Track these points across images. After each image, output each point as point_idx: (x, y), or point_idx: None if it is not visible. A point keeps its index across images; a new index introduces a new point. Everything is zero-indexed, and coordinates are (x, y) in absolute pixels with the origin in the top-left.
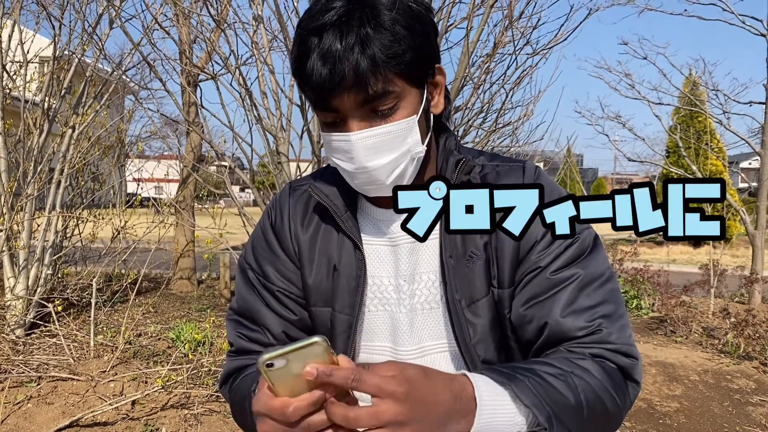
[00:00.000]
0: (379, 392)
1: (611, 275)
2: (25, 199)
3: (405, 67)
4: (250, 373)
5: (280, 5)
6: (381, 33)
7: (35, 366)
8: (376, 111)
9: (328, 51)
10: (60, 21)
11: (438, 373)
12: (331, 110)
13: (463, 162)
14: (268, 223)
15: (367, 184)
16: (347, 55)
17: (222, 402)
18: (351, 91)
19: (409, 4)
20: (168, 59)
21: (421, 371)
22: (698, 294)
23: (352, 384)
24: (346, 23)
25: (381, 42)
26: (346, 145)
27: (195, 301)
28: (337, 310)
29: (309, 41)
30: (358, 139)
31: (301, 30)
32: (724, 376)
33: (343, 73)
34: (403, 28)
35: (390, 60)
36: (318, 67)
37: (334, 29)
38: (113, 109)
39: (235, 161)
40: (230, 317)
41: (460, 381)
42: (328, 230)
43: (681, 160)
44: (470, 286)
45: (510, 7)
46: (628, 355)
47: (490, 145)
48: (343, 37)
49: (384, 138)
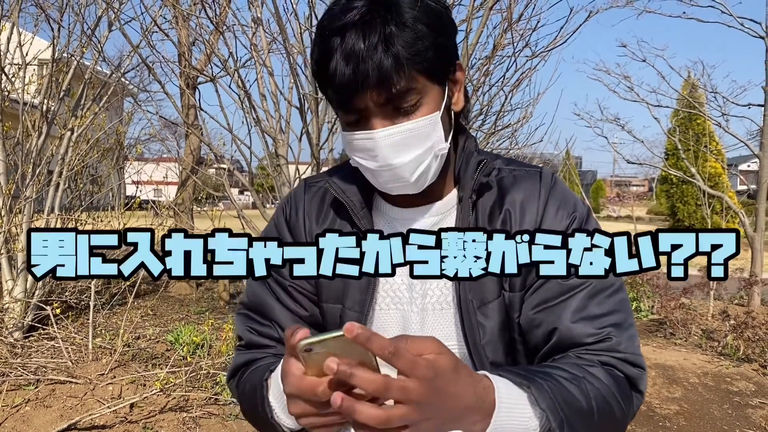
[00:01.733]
0: (410, 372)
1: (621, 285)
2: (24, 202)
3: (427, 64)
4: (260, 366)
5: (279, 8)
6: (403, 31)
7: (33, 369)
8: (399, 108)
9: (351, 50)
10: (59, 23)
11: (467, 371)
12: (354, 110)
13: (484, 163)
14: (283, 219)
15: (391, 182)
16: (371, 54)
17: (221, 405)
18: (375, 89)
19: (429, 2)
20: (167, 61)
21: (452, 365)
22: (698, 296)
23: (389, 355)
24: (368, 22)
25: (404, 40)
26: (370, 143)
27: (194, 303)
28: (347, 307)
29: (331, 41)
30: (382, 136)
31: (322, 30)
32: (723, 378)
33: (367, 72)
34: (425, 26)
35: (413, 58)
36: (341, 67)
37: (356, 28)
38: (112, 111)
39: (234, 164)
40: (240, 311)
41: (485, 384)
42: (344, 227)
43: (680, 162)
44: (482, 287)
45: (509, 9)
46: (635, 365)
47: (489, 147)
48: (366, 36)
49: (408, 135)
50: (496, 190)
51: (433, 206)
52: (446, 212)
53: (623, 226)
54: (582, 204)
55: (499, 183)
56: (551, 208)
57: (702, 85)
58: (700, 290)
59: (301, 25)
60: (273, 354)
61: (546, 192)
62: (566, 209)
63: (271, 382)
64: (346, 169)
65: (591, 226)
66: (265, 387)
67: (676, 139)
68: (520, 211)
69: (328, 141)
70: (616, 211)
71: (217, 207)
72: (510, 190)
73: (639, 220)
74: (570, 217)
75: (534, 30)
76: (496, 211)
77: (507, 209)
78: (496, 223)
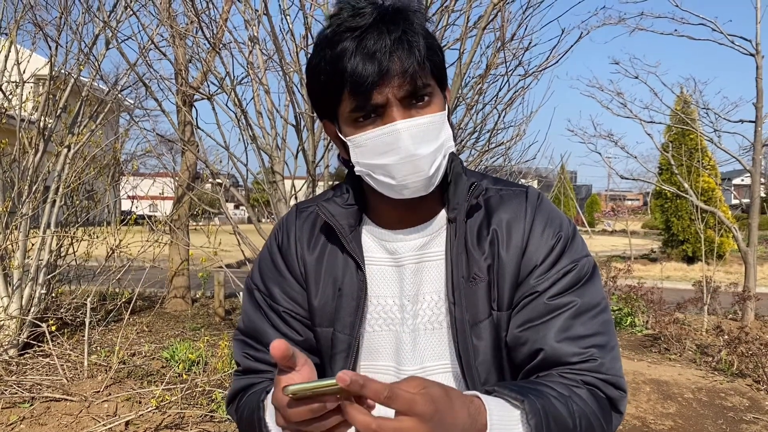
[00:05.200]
0: (409, 410)
1: (606, 306)
2: (20, 219)
3: (436, 66)
4: (257, 390)
5: (275, 26)
6: (417, 34)
7: (28, 386)
8: (415, 103)
9: (374, 47)
10: (56, 41)
11: (457, 395)
12: (372, 106)
13: (475, 186)
14: (275, 245)
15: (411, 175)
16: (395, 48)
17: (216, 422)
18: (398, 82)
19: (423, 23)
20: (164, 79)
21: (444, 392)
22: (692, 311)
23: (385, 399)
24: (387, 23)
25: (420, 40)
26: (390, 137)
27: (189, 320)
28: (338, 330)
29: (346, 43)
30: (407, 127)
31: (333, 34)
32: (717, 393)
33: (392, 66)
34: (429, 34)
35: (430, 56)
36: (363, 64)
37: (374, 28)
38: (108, 128)
39: (230, 179)
40: (236, 337)
41: (476, 404)
42: (334, 251)
43: (673, 177)
44: (476, 306)
45: (502, 29)
46: (617, 387)
47: (483, 164)
48: (386, 35)
49: (427, 127)
50: (483, 210)
51: (422, 227)
52: (435, 233)
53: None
54: (568, 223)
55: (486, 203)
56: (537, 227)
57: (694, 101)
58: (694, 305)
59: (297, 45)
60: (270, 379)
61: (532, 211)
62: (552, 228)
63: (267, 403)
64: (337, 193)
65: (577, 245)
66: (262, 408)
67: (669, 155)
68: (507, 230)
69: (324, 158)
70: (611, 225)
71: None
72: (497, 210)
73: (634, 234)
74: (556, 236)
75: (527, 49)
76: (483, 231)
77: (494, 229)
78: (484, 242)
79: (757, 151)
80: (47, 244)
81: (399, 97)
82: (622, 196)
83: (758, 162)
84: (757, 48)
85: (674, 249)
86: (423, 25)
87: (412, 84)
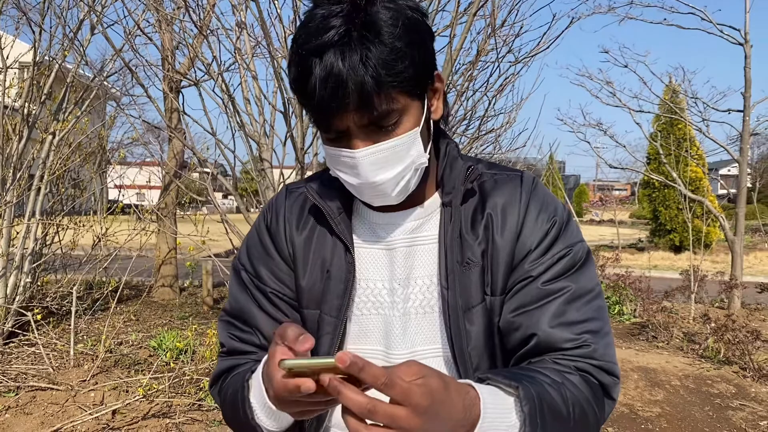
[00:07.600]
0: (404, 401)
1: (599, 292)
2: (4, 206)
3: (407, 83)
4: (242, 370)
5: (263, 12)
6: (382, 51)
7: (14, 376)
8: (380, 128)
9: (331, 72)
10: (40, 26)
11: (455, 387)
12: (335, 130)
13: (471, 169)
14: (264, 225)
15: (374, 198)
16: (350, 75)
17: (204, 411)
18: (355, 111)
19: (406, 13)
20: (150, 65)
21: (443, 384)
22: (679, 299)
23: (381, 386)
24: (347, 43)
25: (383, 60)
26: (351, 162)
27: (177, 308)
28: (325, 312)
29: (309, 61)
30: (364, 156)
31: (299, 49)
32: (704, 380)
33: (347, 95)
34: (404, 44)
35: (393, 78)
36: (320, 89)
37: (335, 49)
38: (94, 115)
39: (218, 168)
40: (222, 318)
41: (471, 396)
42: (323, 233)
43: (661, 167)
44: (468, 290)
45: (493, 15)
46: (610, 373)
47: (473, 152)
48: (345, 58)
49: (388, 153)
50: (478, 194)
51: (414, 210)
52: (427, 216)
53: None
54: (563, 207)
55: (481, 187)
56: (532, 212)
57: (683, 91)
58: (681, 294)
59: (285, 29)
60: (255, 360)
61: (527, 195)
62: (547, 213)
63: (252, 382)
64: (325, 175)
65: (571, 230)
66: (246, 388)
67: (657, 144)
68: (501, 214)
69: (313, 145)
70: (598, 215)
71: (200, 211)
72: (491, 194)
73: (621, 224)
74: (550, 221)
75: (517, 36)
76: (478, 215)
77: (489, 213)
78: (478, 227)
79: (745, 140)
80: (32, 232)
81: (359, 125)
82: (610, 186)
83: (746, 152)
84: (745, 37)
85: (662, 238)
86: (399, 30)
87: (372, 113)
